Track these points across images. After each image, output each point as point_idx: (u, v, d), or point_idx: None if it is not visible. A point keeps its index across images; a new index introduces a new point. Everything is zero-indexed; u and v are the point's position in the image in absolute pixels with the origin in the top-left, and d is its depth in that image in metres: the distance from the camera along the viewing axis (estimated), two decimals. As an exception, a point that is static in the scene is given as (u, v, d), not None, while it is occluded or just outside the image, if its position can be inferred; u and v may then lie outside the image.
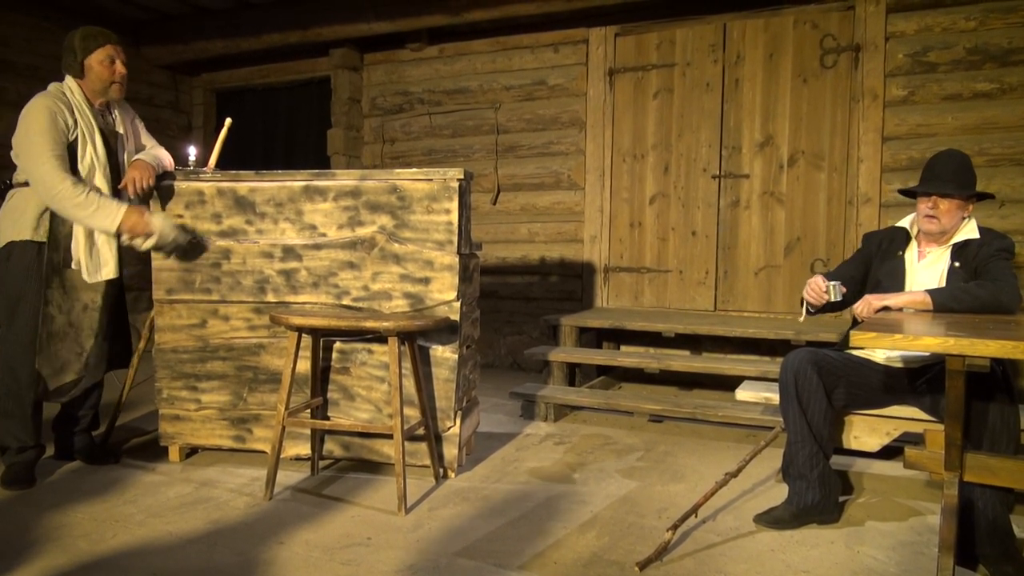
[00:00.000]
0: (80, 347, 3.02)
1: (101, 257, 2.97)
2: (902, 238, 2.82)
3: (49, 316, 2.91)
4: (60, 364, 2.98)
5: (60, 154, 2.82)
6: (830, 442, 2.71)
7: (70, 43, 2.95)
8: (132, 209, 2.89)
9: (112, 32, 3.03)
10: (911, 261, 2.77)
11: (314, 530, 2.56)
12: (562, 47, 5.51)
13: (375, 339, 3.10)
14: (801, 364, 2.64)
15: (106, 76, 2.96)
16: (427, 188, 3.04)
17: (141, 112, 3.28)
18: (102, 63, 2.95)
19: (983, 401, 2.33)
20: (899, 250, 2.79)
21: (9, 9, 5.35)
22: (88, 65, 2.94)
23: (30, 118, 2.83)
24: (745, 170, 5.01)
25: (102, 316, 3.07)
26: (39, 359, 2.91)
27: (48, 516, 2.65)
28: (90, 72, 2.95)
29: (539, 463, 3.37)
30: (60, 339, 2.96)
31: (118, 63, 2.99)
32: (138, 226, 2.90)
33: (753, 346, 4.72)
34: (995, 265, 2.56)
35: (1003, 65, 4.37)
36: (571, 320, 4.71)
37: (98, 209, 2.82)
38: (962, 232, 2.67)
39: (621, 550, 2.42)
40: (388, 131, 6.10)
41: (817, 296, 2.72)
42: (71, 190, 2.79)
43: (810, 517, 2.63)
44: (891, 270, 2.77)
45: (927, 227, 2.69)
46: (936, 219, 2.65)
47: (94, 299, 3.03)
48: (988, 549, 2.29)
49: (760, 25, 4.94)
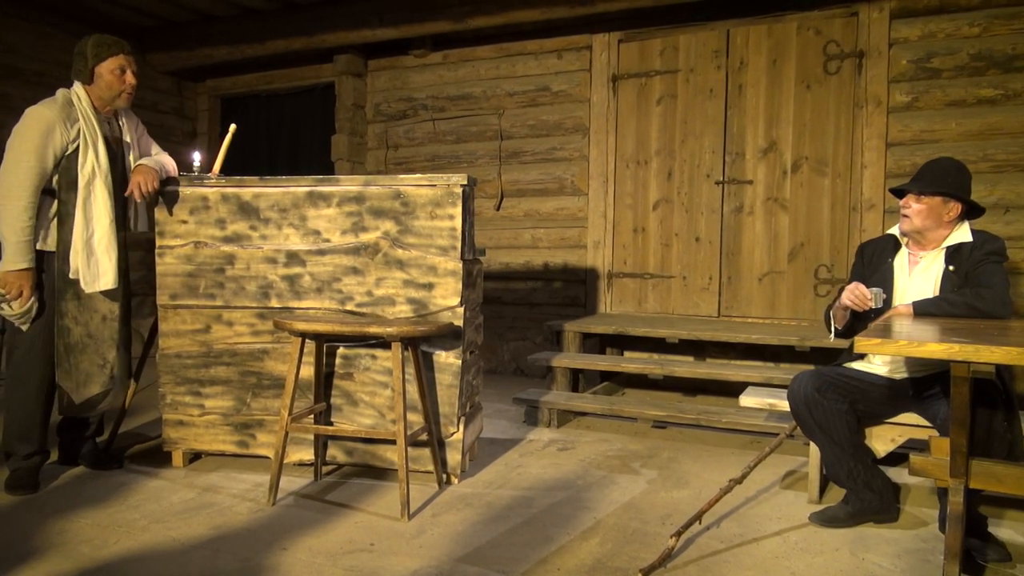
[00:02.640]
0: (103, 359, 3.01)
1: (100, 267, 2.93)
2: (891, 245, 2.83)
3: (65, 328, 2.91)
4: (83, 377, 2.97)
5: (41, 170, 2.81)
6: (864, 450, 2.73)
7: (82, 49, 2.95)
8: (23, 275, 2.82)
9: (125, 42, 3.03)
10: (900, 267, 2.77)
11: (317, 536, 2.56)
12: (566, 53, 5.52)
13: (378, 345, 3.10)
14: (808, 392, 2.65)
15: (115, 85, 2.97)
16: (431, 194, 3.04)
17: (145, 118, 3.29)
18: (112, 72, 2.95)
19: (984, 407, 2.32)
20: (888, 257, 2.80)
21: (15, 16, 5.38)
22: (98, 73, 2.95)
23: (26, 124, 2.83)
24: (749, 176, 5.01)
25: (121, 326, 3.08)
26: (59, 372, 2.90)
27: (51, 521, 2.65)
28: (99, 80, 2.95)
29: (542, 469, 3.36)
30: (80, 351, 2.95)
31: (128, 73, 2.99)
32: (15, 286, 2.81)
33: (757, 352, 4.70)
34: (984, 269, 2.54)
35: (1007, 71, 4.37)
36: (574, 326, 4.70)
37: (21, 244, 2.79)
38: (955, 235, 2.66)
39: (625, 557, 2.41)
40: (392, 137, 6.12)
41: (862, 302, 2.64)
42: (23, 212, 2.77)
43: (866, 517, 2.69)
44: (880, 278, 2.78)
45: (902, 226, 2.72)
46: (908, 217, 2.67)
47: (112, 309, 3.03)
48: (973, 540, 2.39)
49: (763, 31, 4.94)
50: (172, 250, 3.23)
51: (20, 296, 2.84)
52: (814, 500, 2.94)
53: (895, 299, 2.75)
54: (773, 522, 2.73)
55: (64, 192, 2.88)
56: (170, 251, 3.23)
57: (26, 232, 2.80)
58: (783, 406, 2.92)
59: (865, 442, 2.75)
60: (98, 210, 2.91)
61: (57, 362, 2.90)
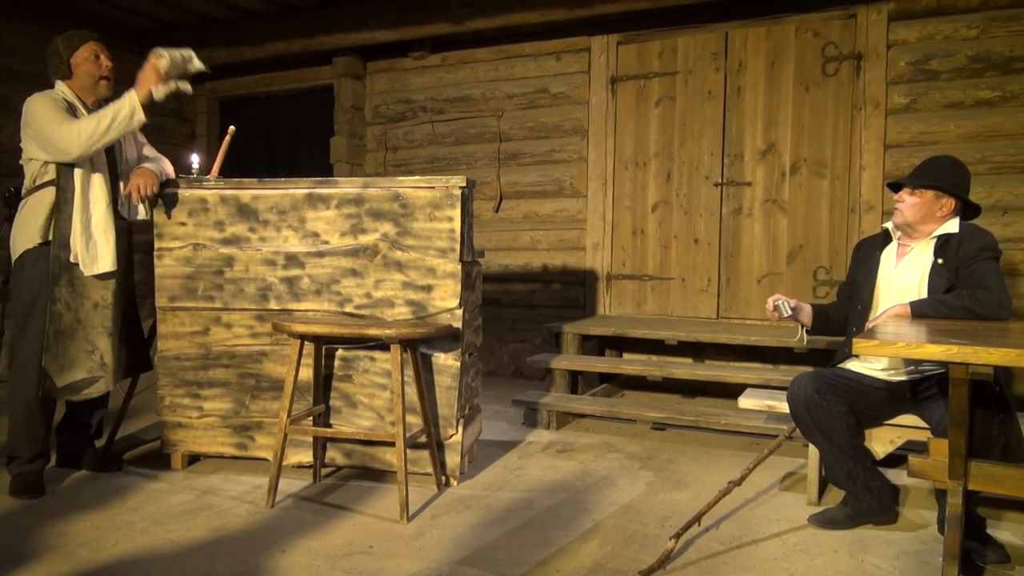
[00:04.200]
0: (91, 344, 3.00)
1: (98, 249, 2.95)
2: (881, 239, 2.85)
3: (57, 314, 2.90)
4: (67, 361, 2.95)
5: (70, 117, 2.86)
6: (863, 452, 2.73)
7: (54, 48, 3.00)
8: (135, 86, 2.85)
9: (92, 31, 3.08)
10: (888, 259, 2.78)
11: (316, 538, 2.56)
12: (564, 55, 5.52)
13: (377, 347, 3.10)
14: (808, 393, 2.65)
15: (93, 71, 3.00)
16: (430, 196, 3.04)
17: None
18: (87, 59, 3.00)
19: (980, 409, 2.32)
20: (877, 250, 2.83)
21: (15, 18, 5.38)
22: (74, 63, 2.99)
23: (36, 105, 2.88)
24: (747, 178, 5.01)
25: (115, 314, 3.06)
26: (46, 356, 2.89)
27: (50, 524, 2.65)
28: (77, 70, 2.99)
29: (541, 471, 3.36)
30: (68, 336, 2.94)
31: (103, 57, 3.04)
32: (146, 83, 2.83)
33: (756, 354, 4.70)
34: (978, 267, 2.51)
35: (1005, 73, 4.37)
36: (573, 328, 4.70)
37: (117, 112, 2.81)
38: (944, 228, 2.65)
39: (624, 559, 2.41)
40: (391, 139, 6.12)
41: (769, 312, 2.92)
42: (87, 122, 2.82)
43: (865, 519, 2.69)
44: (866, 272, 2.82)
45: (894, 219, 2.75)
46: (899, 210, 2.70)
47: (104, 296, 3.02)
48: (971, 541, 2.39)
49: (762, 33, 4.95)
50: (171, 252, 3.23)
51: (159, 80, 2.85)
52: (813, 502, 2.94)
53: (879, 291, 2.76)
54: (772, 524, 2.73)
55: (63, 179, 2.89)
56: (169, 253, 3.23)
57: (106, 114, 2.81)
58: (782, 408, 2.92)
59: (864, 444, 2.75)
60: (95, 195, 2.95)
61: (46, 347, 2.89)
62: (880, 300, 2.74)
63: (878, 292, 2.75)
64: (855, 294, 2.84)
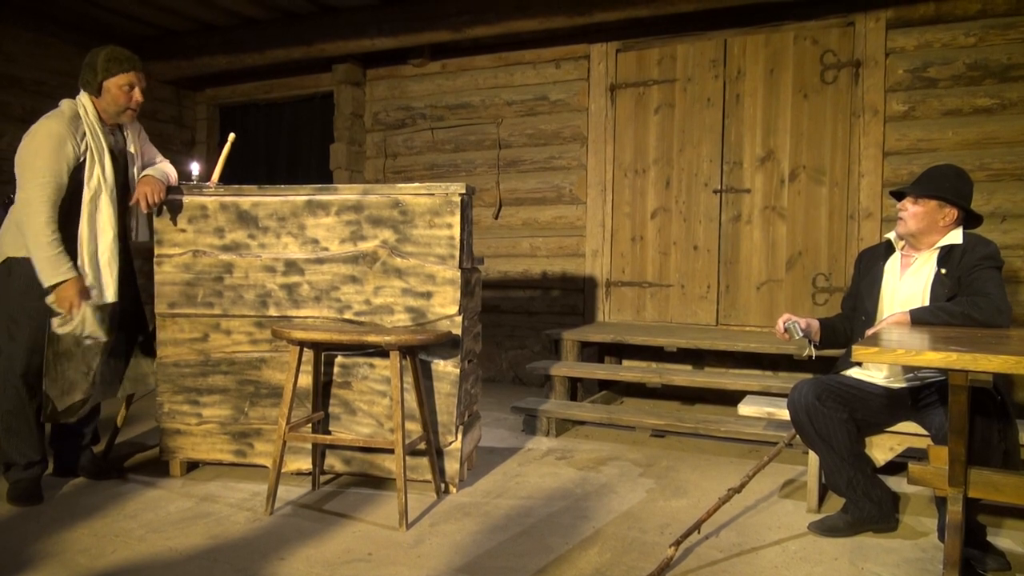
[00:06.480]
0: (87, 366, 2.99)
1: (102, 281, 2.92)
2: (883, 249, 2.85)
3: (55, 336, 2.89)
4: (68, 385, 2.95)
5: (57, 185, 2.80)
6: (864, 459, 2.72)
7: (92, 60, 2.92)
8: (76, 281, 2.82)
9: (137, 58, 3.00)
10: (891, 270, 2.78)
11: (315, 546, 2.55)
12: (564, 63, 5.54)
13: (377, 353, 3.10)
14: (809, 400, 2.65)
15: (122, 102, 2.94)
16: (429, 203, 3.04)
17: (144, 126, 3.29)
18: (120, 88, 2.93)
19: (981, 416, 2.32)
20: (880, 260, 2.82)
21: (15, 25, 5.39)
22: (106, 87, 2.92)
23: (39, 139, 2.82)
24: (746, 185, 5.02)
25: (109, 330, 3.05)
26: (46, 380, 2.88)
27: (48, 531, 2.64)
28: (107, 94, 2.93)
29: (541, 478, 3.35)
30: (67, 359, 2.93)
31: (136, 91, 2.97)
32: (65, 301, 2.82)
33: (755, 361, 4.70)
34: (979, 275, 2.52)
35: (1003, 81, 4.39)
36: (573, 334, 4.70)
37: (51, 259, 2.78)
38: (947, 239, 2.66)
39: (623, 566, 2.40)
40: (390, 146, 6.13)
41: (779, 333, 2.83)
42: (44, 226, 2.77)
43: (865, 526, 2.68)
44: (869, 282, 2.81)
45: (898, 229, 2.74)
46: (903, 220, 2.69)
47: (101, 317, 3.02)
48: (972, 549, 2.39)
49: (760, 41, 4.96)
50: (170, 259, 3.23)
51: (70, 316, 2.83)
52: (813, 509, 2.94)
53: (883, 302, 2.76)
54: (772, 531, 2.73)
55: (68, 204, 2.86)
56: (168, 260, 3.23)
57: (54, 246, 2.79)
58: (781, 415, 2.92)
59: (865, 451, 2.75)
60: (103, 223, 2.91)
61: (45, 370, 2.87)
62: (884, 311, 2.74)
63: (882, 303, 2.75)
64: (859, 305, 2.84)
